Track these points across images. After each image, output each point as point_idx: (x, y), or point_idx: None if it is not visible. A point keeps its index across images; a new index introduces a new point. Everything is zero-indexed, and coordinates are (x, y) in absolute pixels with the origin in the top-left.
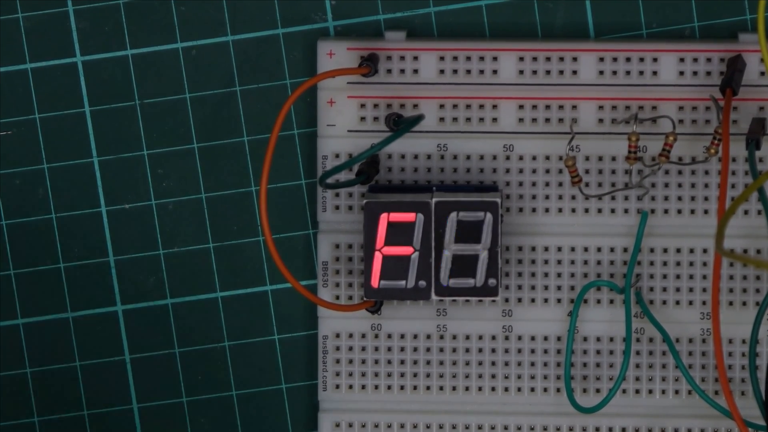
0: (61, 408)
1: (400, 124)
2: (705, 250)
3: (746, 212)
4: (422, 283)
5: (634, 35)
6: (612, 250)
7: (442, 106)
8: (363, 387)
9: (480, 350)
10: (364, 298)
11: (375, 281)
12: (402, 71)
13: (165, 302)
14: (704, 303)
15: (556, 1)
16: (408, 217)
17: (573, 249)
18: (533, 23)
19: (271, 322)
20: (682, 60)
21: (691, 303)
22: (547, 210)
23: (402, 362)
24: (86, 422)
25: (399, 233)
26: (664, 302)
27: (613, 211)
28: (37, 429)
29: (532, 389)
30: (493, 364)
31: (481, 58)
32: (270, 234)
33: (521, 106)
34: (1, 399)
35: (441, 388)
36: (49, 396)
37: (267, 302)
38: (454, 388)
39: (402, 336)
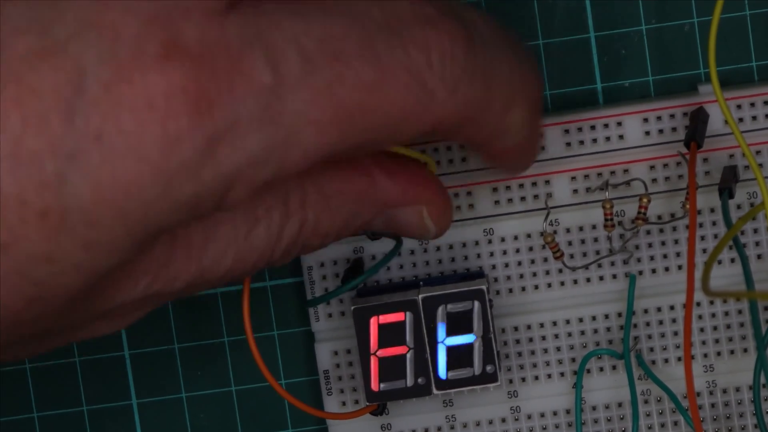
0: (61, 403)
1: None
2: (698, 303)
3: (721, 262)
4: (422, 379)
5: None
6: (606, 316)
7: None
8: None
9: None
10: (367, 403)
11: (375, 385)
12: None
13: None
14: (705, 356)
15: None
16: (397, 317)
17: (568, 321)
18: (532, 18)
19: (270, 318)
20: (645, 120)
21: (693, 357)
22: (536, 287)
23: None
24: (85, 417)
25: (391, 334)
26: (666, 360)
27: (601, 278)
28: (36, 424)
29: None
30: None
31: (449, 148)
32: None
33: (495, 189)
34: (1, 394)
35: None
36: (48, 391)
37: (266, 298)
38: None
39: None
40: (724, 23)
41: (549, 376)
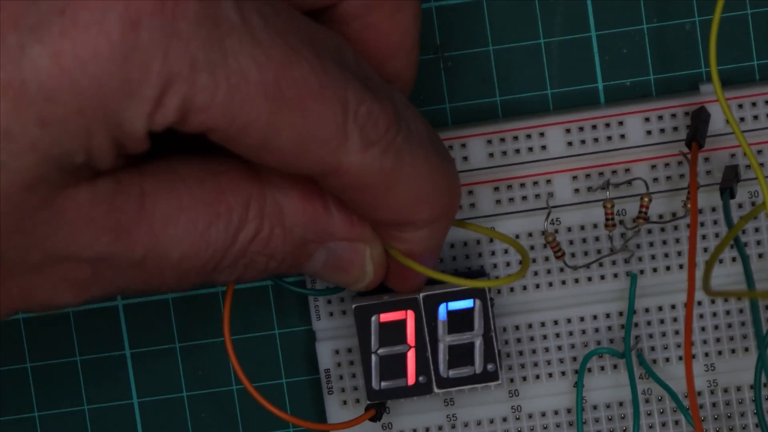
0: (62, 402)
1: None
2: (699, 303)
3: (723, 261)
4: (422, 378)
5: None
6: (608, 315)
7: None
8: None
9: None
10: (368, 402)
11: (375, 383)
12: None
13: (165, 297)
14: (707, 355)
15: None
16: (398, 315)
17: (569, 320)
18: (534, 19)
19: (271, 317)
20: (647, 119)
21: (693, 356)
22: (537, 286)
23: None
24: (86, 417)
25: (392, 332)
26: (667, 359)
27: (602, 277)
28: (38, 423)
29: None
30: None
31: (450, 147)
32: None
33: (496, 188)
34: (2, 393)
35: None
36: (49, 390)
37: (267, 296)
38: None
39: (414, 431)
40: (725, 22)
41: (550, 375)
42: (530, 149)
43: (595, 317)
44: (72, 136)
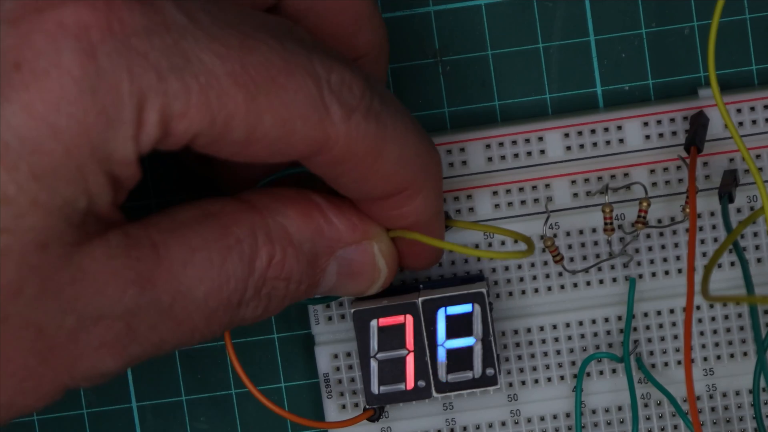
0: (60, 407)
1: None
2: (698, 307)
3: (721, 265)
4: (421, 383)
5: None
6: (606, 320)
7: None
8: None
9: None
10: (366, 406)
11: (375, 387)
12: None
13: None
14: (705, 359)
15: (555, 1)
16: (397, 319)
17: (568, 325)
18: (533, 24)
19: (270, 321)
20: (646, 124)
21: (693, 361)
22: (536, 290)
23: None
24: (85, 421)
25: (391, 337)
26: (666, 364)
27: (601, 281)
28: (37, 428)
29: None
30: None
31: (449, 151)
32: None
33: (495, 192)
34: None
35: None
36: None
37: None
38: None
39: None
40: (724, 27)
41: (549, 379)
42: (529, 154)
43: (593, 322)
44: (67, 180)
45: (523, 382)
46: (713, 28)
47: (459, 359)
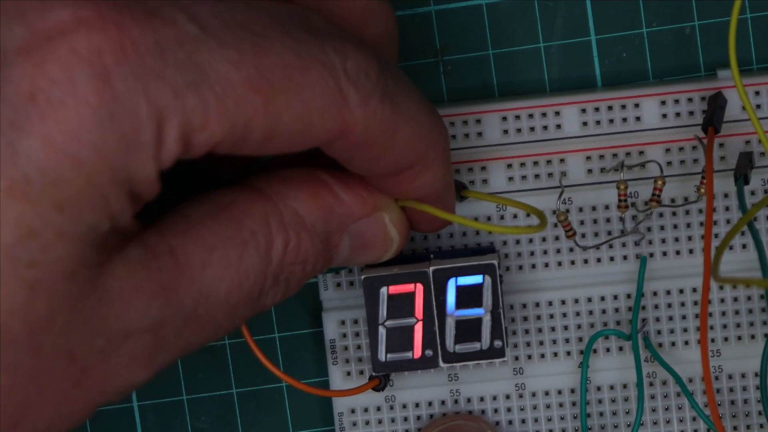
0: None
1: None
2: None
3: (733, 247)
4: (429, 352)
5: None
6: (615, 297)
7: None
8: None
9: (495, 411)
10: (373, 373)
11: (382, 355)
12: None
13: None
14: (713, 341)
15: (556, 0)
16: (407, 288)
17: (576, 301)
18: (534, 23)
19: (271, 320)
20: (663, 103)
21: (698, 342)
22: (546, 265)
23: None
24: (86, 420)
25: (400, 305)
26: (673, 344)
27: (612, 259)
28: None
29: None
30: (510, 423)
31: (465, 122)
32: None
33: (509, 165)
34: None
35: None
36: None
37: None
38: None
39: (417, 405)
40: (724, 26)
41: (555, 354)
42: (545, 128)
43: (602, 298)
44: (91, 207)
45: (530, 356)
46: (735, 7)
47: (467, 330)
